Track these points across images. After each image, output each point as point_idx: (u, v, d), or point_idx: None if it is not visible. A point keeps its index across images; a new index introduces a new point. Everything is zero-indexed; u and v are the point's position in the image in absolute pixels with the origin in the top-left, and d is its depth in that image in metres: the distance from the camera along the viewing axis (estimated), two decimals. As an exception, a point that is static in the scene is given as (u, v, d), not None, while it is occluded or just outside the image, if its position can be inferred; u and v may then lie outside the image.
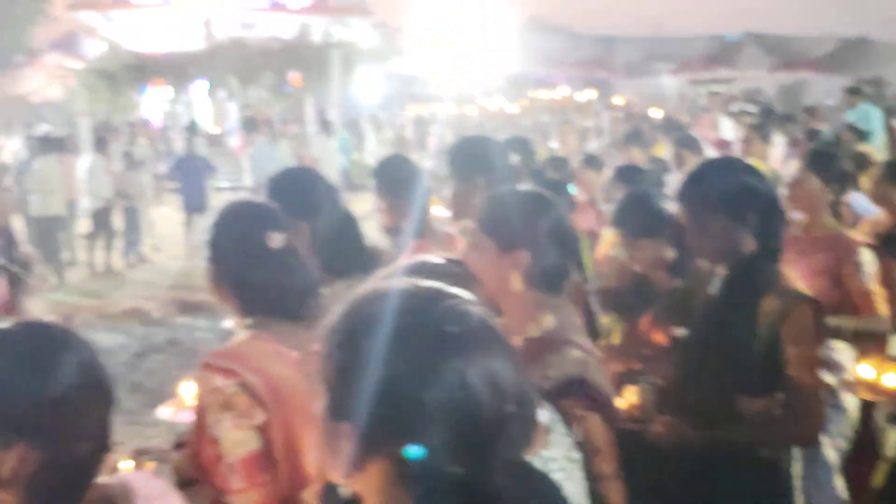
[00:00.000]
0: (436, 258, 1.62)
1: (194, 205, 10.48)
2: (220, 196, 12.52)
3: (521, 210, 1.84)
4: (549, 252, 1.80)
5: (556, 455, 1.39)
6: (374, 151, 13.45)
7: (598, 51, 22.43)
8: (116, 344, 6.56)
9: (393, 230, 2.95)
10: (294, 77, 12.51)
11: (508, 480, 0.94)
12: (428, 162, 8.67)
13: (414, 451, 0.88)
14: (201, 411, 1.76)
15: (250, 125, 13.30)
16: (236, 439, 1.72)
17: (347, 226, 2.49)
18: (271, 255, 1.88)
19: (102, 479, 1.29)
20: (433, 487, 0.88)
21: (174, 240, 10.98)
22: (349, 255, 2.40)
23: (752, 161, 3.50)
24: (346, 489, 0.98)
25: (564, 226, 1.91)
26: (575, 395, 1.62)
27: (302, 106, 13.79)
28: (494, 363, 0.92)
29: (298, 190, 2.40)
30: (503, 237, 1.80)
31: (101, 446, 1.24)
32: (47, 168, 9.12)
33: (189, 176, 10.52)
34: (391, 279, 1.07)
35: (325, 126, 12.52)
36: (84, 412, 1.20)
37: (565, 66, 21.52)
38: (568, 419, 1.50)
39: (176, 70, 12.49)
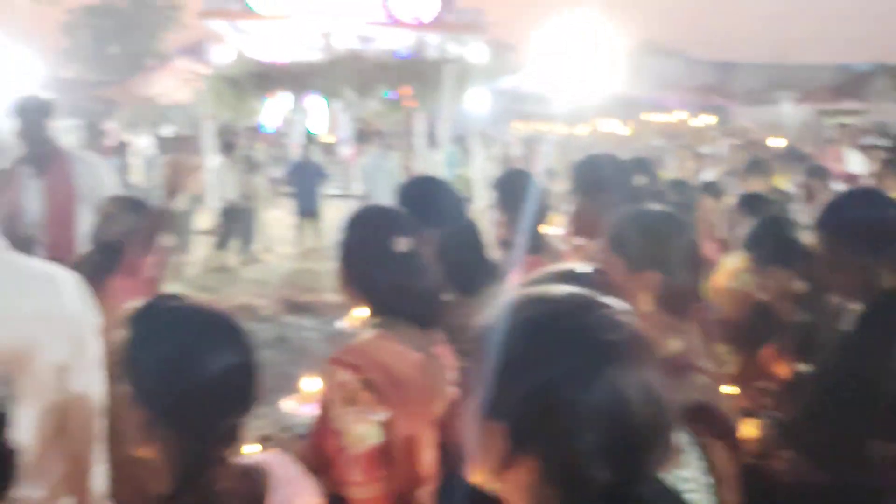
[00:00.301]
0: (583, 267, 1.63)
1: (306, 209, 10.85)
2: (330, 203, 12.91)
3: (653, 230, 1.82)
4: (680, 274, 1.78)
5: (689, 476, 1.37)
6: (481, 167, 13.54)
7: (716, 76, 21.84)
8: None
9: (507, 244, 2.98)
10: (407, 91, 12.74)
11: (649, 492, 0.94)
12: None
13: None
14: (326, 404, 1.83)
15: (363, 136, 13.63)
16: (359, 433, 1.77)
17: (472, 236, 2.53)
18: (397, 259, 1.94)
19: (241, 457, 1.37)
20: (580, 490, 0.89)
21: (285, 242, 11.39)
22: (472, 266, 2.44)
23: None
24: (485, 487, 1.00)
25: (695, 249, 1.88)
26: (702, 420, 1.60)
27: (412, 119, 14.04)
28: (647, 374, 0.94)
29: (427, 198, 2.46)
30: (634, 257, 1.79)
31: (238, 425, 1.32)
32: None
33: (303, 181, 10.91)
34: (545, 285, 1.09)
35: (432, 140, 12.70)
36: (236, 393, 1.28)
37: (680, 91, 21.04)
38: (698, 443, 1.48)
39: (296, 80, 12.93)
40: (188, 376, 1.24)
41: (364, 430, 1.77)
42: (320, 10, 14.47)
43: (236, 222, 10.37)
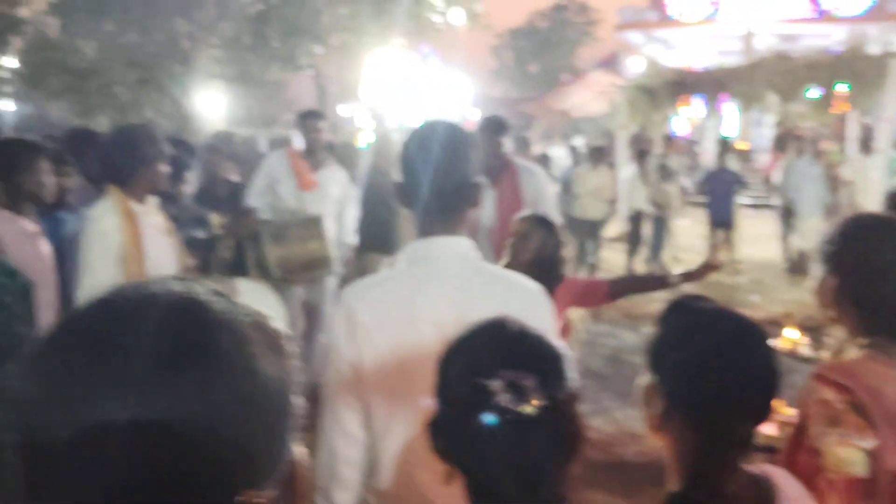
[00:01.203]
0: None
1: (720, 219, 10.45)
2: (744, 213, 12.27)
3: None
4: None
5: None
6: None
7: None
8: (640, 345, 6.87)
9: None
10: (840, 91, 11.50)
11: None
12: None
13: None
14: (804, 419, 1.71)
15: (782, 142, 12.67)
16: (841, 457, 1.62)
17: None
18: None
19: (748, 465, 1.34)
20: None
21: (694, 252, 11.13)
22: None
23: None
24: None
25: None
26: None
27: (843, 122, 12.66)
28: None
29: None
30: None
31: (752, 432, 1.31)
32: (588, 174, 10.02)
33: (717, 190, 10.51)
34: None
35: (865, 145, 11.27)
36: (758, 399, 1.31)
37: None
38: None
39: (712, 85, 12.53)
40: (715, 377, 1.26)
41: (848, 455, 1.62)
42: (743, 11, 13.84)
43: (646, 230, 10.42)
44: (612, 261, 10.94)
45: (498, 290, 1.80)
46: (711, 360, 1.28)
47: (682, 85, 12.80)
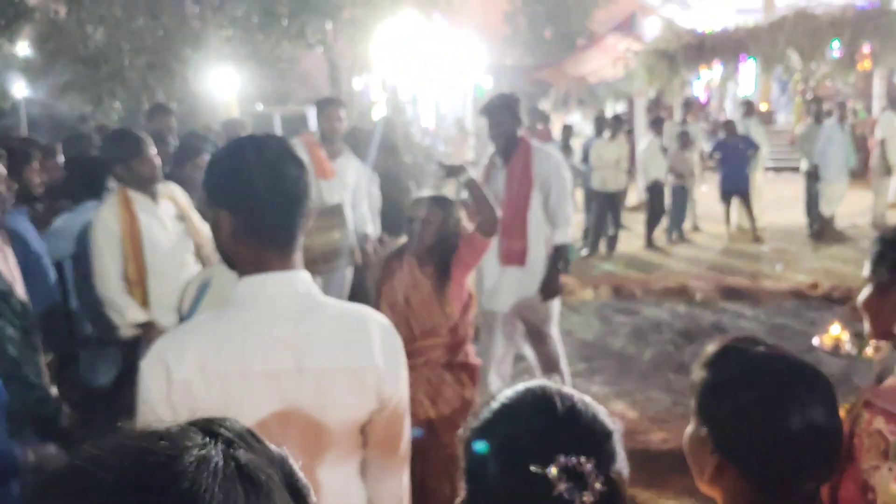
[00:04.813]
0: None
1: (735, 188, 10.22)
2: (766, 177, 12.01)
3: None
4: None
5: None
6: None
7: None
8: (662, 321, 6.76)
9: None
10: (865, 48, 11.17)
11: None
12: None
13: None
14: (851, 447, 1.61)
15: (807, 103, 12.33)
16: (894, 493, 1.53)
17: None
18: None
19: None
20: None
21: (714, 220, 10.93)
22: None
23: None
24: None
25: None
26: None
27: (869, 80, 12.34)
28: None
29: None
30: None
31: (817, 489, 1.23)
32: (604, 147, 9.83)
33: (730, 158, 10.23)
34: None
35: (893, 102, 10.96)
36: (819, 455, 1.21)
37: None
38: None
39: (733, 47, 12.22)
40: (769, 429, 1.16)
41: (899, 490, 1.52)
42: (762, -33, 13.45)
43: (665, 200, 10.22)
44: (632, 231, 10.79)
45: (342, 329, 1.55)
46: (761, 409, 1.17)
47: (700, 48, 12.50)
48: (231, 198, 1.51)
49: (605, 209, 9.69)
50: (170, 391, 1.44)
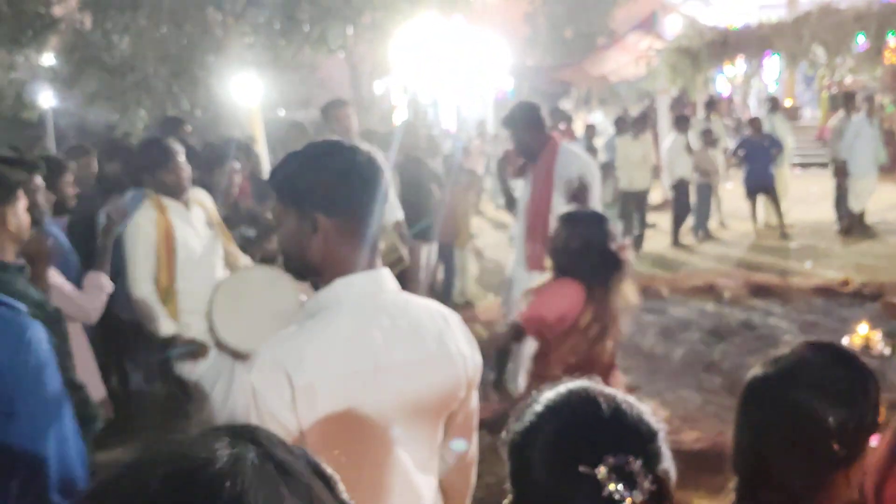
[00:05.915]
0: None
1: (760, 185, 10.12)
2: (793, 173, 11.87)
3: None
4: None
5: None
6: None
7: None
8: (691, 320, 6.71)
9: None
10: (892, 42, 11.01)
11: None
12: None
13: None
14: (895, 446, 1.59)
15: (834, 98, 12.20)
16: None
17: None
18: None
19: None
20: None
21: (740, 217, 10.82)
22: None
23: None
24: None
25: None
26: None
27: (894, 74, 12.15)
28: None
29: None
30: None
31: None
32: (629, 146, 9.77)
33: (754, 156, 10.13)
34: None
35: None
36: None
37: None
38: None
39: (756, 43, 12.10)
40: None
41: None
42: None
43: (690, 198, 10.13)
44: (658, 230, 10.70)
45: (433, 320, 1.62)
46: None
47: (723, 44, 12.40)
48: (330, 200, 1.53)
49: (630, 208, 9.63)
50: (294, 397, 1.43)
